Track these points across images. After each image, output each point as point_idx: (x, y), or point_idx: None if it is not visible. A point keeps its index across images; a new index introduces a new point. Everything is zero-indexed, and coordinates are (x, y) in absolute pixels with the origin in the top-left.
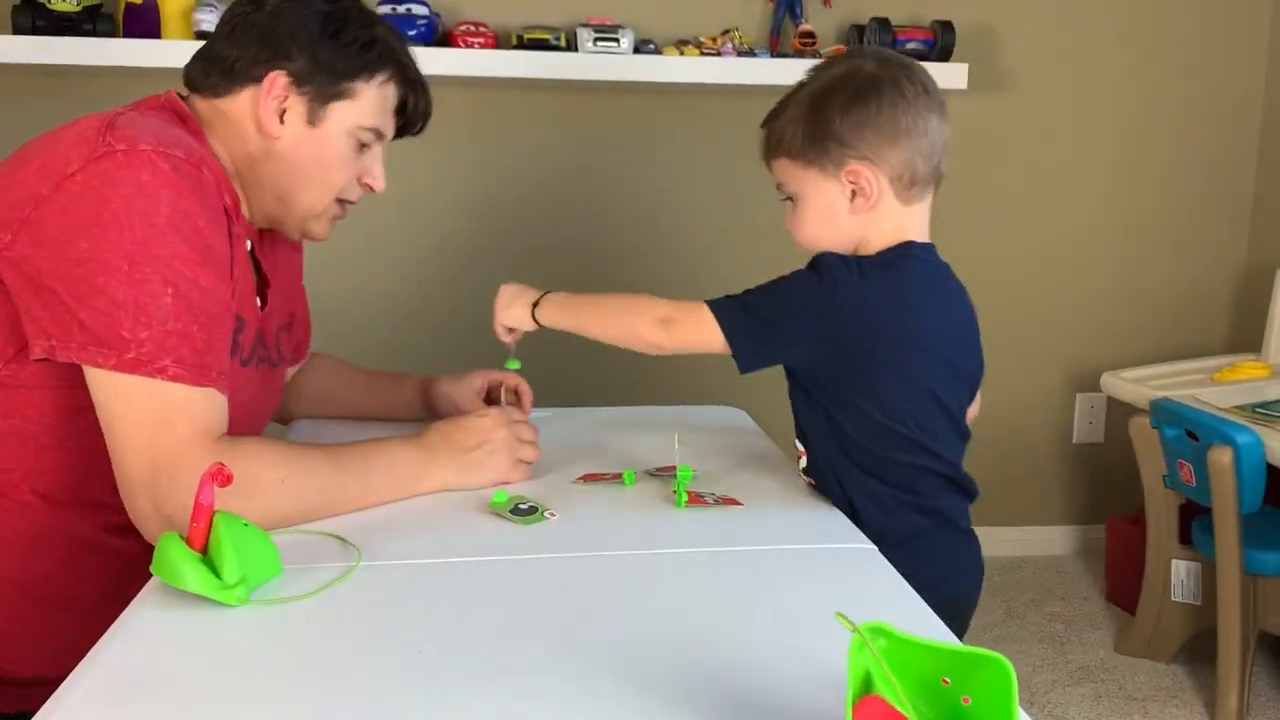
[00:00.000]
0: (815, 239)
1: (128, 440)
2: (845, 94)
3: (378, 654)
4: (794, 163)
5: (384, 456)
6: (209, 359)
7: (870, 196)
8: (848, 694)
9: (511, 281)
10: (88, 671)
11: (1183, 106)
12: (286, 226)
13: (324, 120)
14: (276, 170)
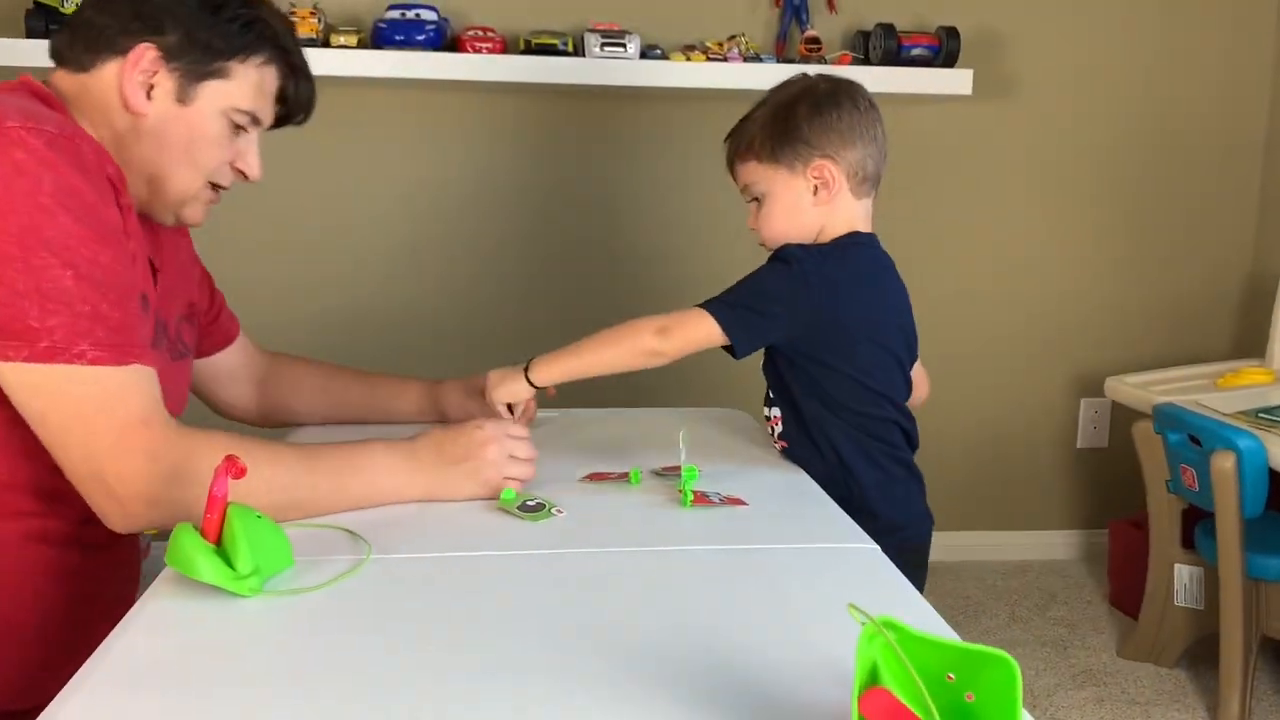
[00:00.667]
0: (783, 232)
1: (62, 437)
2: (808, 103)
3: (388, 645)
4: (762, 164)
5: (364, 459)
6: (127, 335)
7: (832, 188)
8: (854, 685)
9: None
10: (102, 659)
11: (1187, 112)
12: (158, 211)
13: (195, 99)
14: (144, 150)
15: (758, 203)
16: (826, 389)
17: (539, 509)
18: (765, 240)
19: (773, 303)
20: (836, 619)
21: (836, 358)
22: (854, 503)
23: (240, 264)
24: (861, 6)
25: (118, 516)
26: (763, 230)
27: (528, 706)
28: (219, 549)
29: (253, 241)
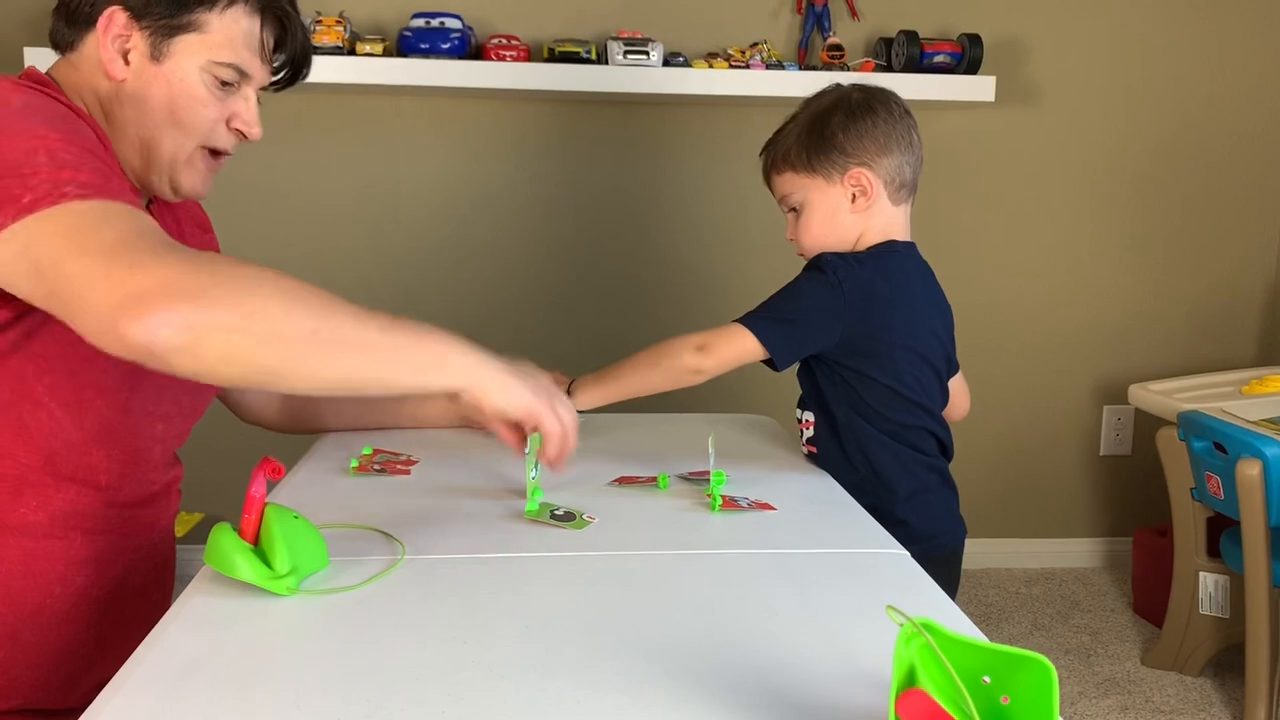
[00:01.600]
0: (821, 241)
1: (62, 267)
2: (843, 112)
3: (422, 644)
4: (799, 174)
5: (416, 323)
6: (111, 186)
7: (870, 196)
8: (891, 686)
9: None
10: (143, 657)
11: (1211, 119)
12: (154, 183)
13: (169, 56)
14: (129, 115)
15: (795, 213)
16: (861, 396)
17: (570, 519)
18: (804, 250)
19: (810, 313)
20: (868, 623)
21: (871, 365)
22: (884, 510)
23: None
24: (884, 13)
25: (135, 323)
26: (801, 240)
27: (559, 707)
28: (256, 549)
29: (276, 246)
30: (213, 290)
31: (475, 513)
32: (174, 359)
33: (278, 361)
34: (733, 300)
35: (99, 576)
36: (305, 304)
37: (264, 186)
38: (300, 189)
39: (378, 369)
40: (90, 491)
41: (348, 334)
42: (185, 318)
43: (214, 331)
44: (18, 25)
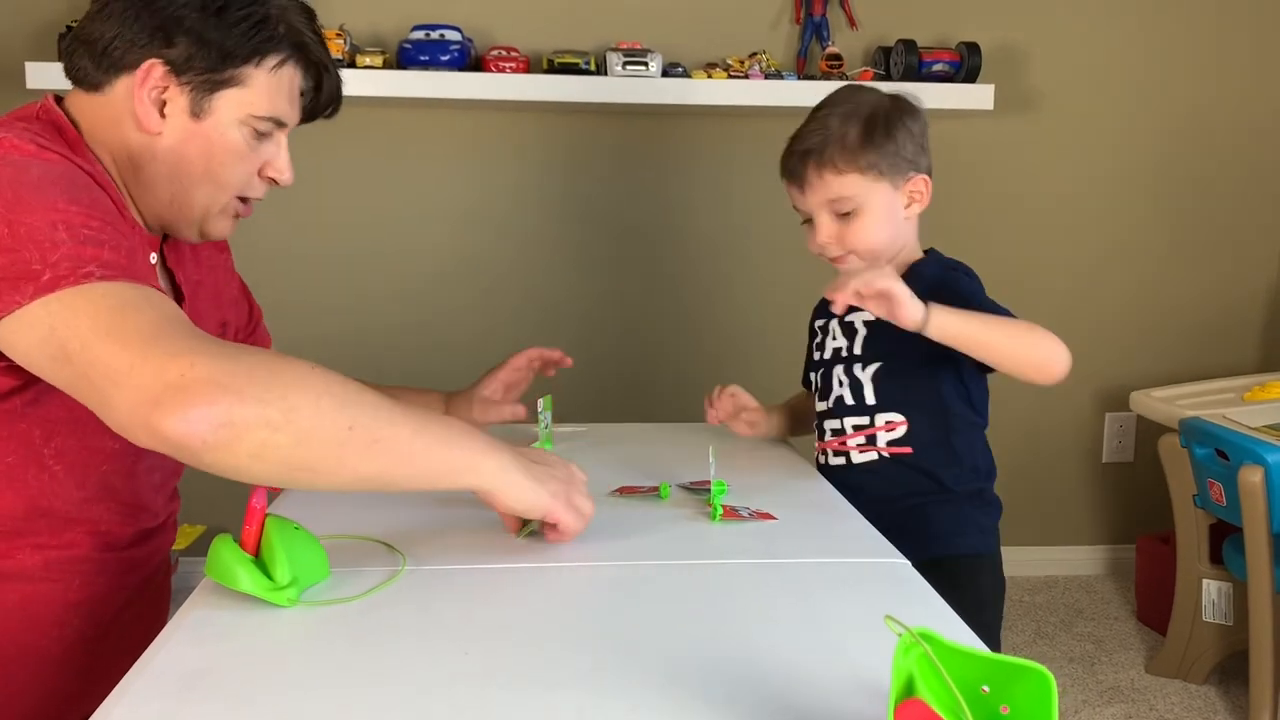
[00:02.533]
0: (879, 244)
1: (93, 353)
2: (905, 115)
3: (423, 655)
4: (865, 177)
5: (445, 420)
6: (135, 268)
7: (924, 203)
8: (890, 697)
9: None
10: (144, 668)
11: (1211, 125)
12: (181, 229)
13: (210, 112)
14: (162, 169)
15: (843, 216)
16: (970, 390)
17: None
18: (858, 252)
19: None
20: (868, 633)
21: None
22: (984, 493)
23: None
24: (883, 23)
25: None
26: (856, 243)
27: (562, 718)
28: (257, 560)
29: (273, 258)
30: (251, 386)
31: (476, 523)
32: (207, 455)
33: (313, 460)
34: (733, 309)
35: (95, 618)
36: (341, 402)
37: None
38: (300, 201)
39: (409, 471)
40: (88, 539)
41: (382, 434)
42: (223, 413)
43: (251, 429)
44: (21, 40)
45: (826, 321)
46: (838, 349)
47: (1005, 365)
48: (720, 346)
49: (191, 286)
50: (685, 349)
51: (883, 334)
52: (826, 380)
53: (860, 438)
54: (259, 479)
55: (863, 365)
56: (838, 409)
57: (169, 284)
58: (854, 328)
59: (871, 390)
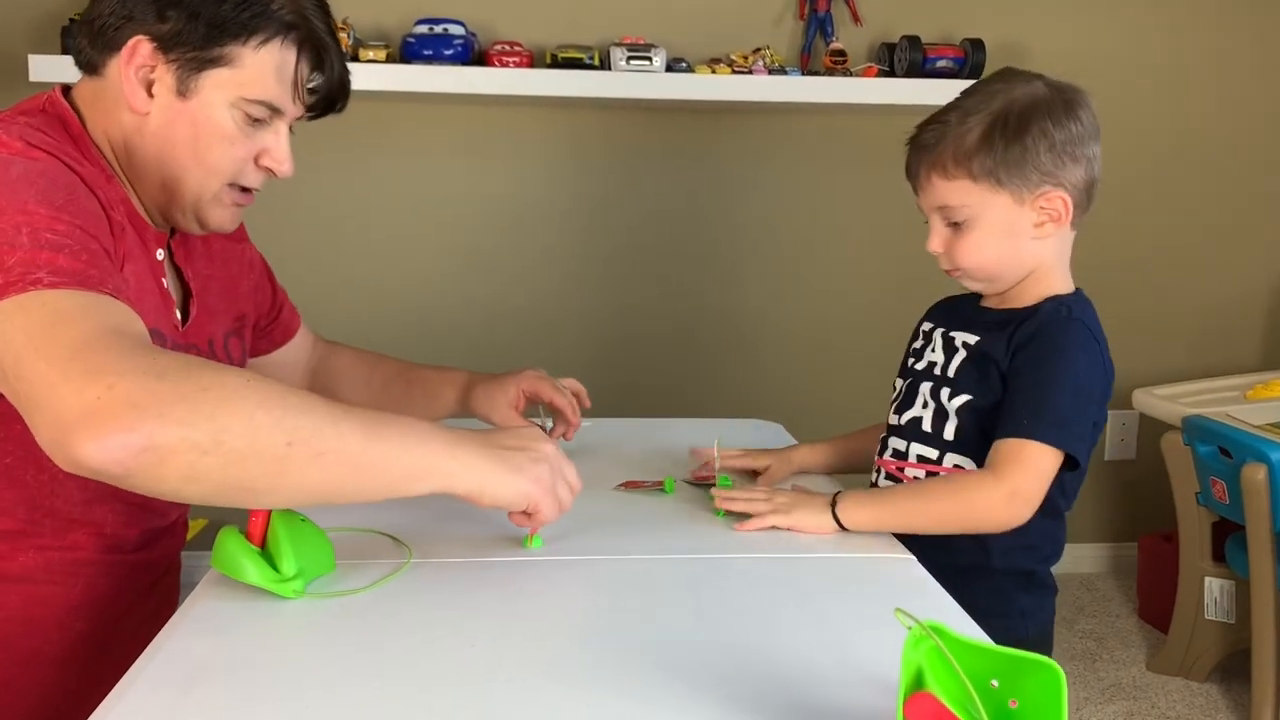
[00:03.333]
0: (991, 265)
1: (21, 368)
2: (1046, 117)
3: (429, 648)
4: (978, 185)
5: (400, 421)
6: (93, 272)
7: (1061, 223)
8: (899, 690)
9: (779, 489)
10: (150, 660)
11: (1215, 122)
12: (177, 217)
13: (197, 92)
14: (150, 152)
15: (954, 225)
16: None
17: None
18: (964, 269)
19: (1092, 402)
20: (875, 628)
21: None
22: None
23: None
24: (886, 19)
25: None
26: (964, 259)
27: (567, 711)
28: (263, 552)
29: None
30: (175, 407)
31: (482, 516)
32: (132, 481)
33: (250, 479)
34: (737, 305)
35: (99, 621)
36: (277, 417)
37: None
38: (301, 196)
39: (363, 481)
40: (92, 540)
41: (326, 446)
42: (143, 439)
43: (177, 453)
44: (22, 33)
45: (934, 328)
46: (933, 364)
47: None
48: (725, 342)
49: (201, 282)
50: (689, 344)
51: (983, 364)
52: (911, 394)
53: (921, 471)
54: (197, 500)
55: (951, 393)
56: (911, 430)
57: (176, 280)
58: (955, 346)
59: (954, 425)
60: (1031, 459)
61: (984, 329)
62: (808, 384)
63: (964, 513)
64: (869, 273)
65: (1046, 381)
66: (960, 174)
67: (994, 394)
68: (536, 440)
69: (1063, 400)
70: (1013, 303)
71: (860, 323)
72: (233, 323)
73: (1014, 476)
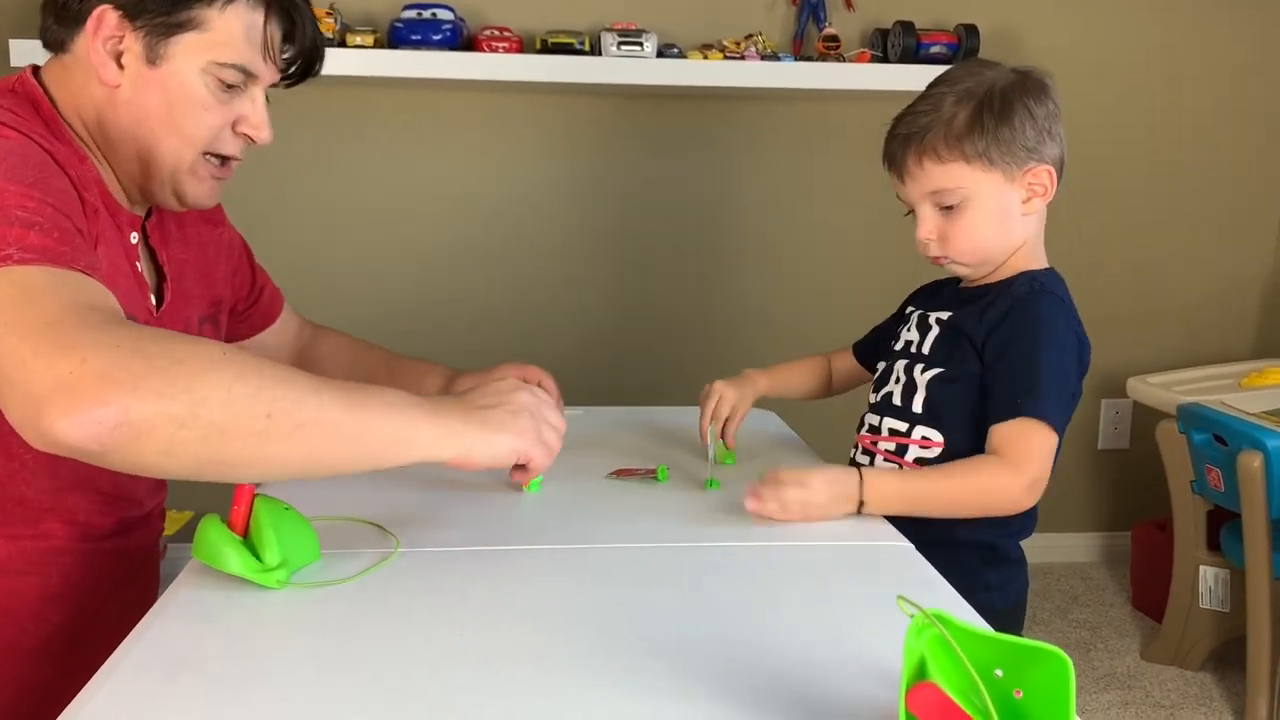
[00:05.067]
0: (985, 245)
1: None
2: (1027, 96)
3: (416, 639)
4: (972, 166)
5: (381, 391)
6: (64, 249)
7: (1047, 196)
8: (902, 679)
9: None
10: (129, 651)
11: (1209, 109)
12: (156, 192)
13: (167, 59)
14: (124, 124)
15: (944, 210)
16: None
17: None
18: (955, 254)
19: (1072, 376)
20: (874, 616)
21: None
22: (1000, 549)
23: None
24: (879, 4)
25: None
26: (958, 242)
27: (558, 703)
28: (246, 541)
29: (263, 244)
30: (151, 379)
31: (472, 504)
32: (109, 457)
33: (230, 453)
34: (728, 292)
35: (75, 612)
36: (255, 388)
37: (249, 181)
38: (288, 183)
39: (344, 451)
40: (65, 529)
41: (307, 417)
42: (119, 413)
43: (154, 427)
44: (3, 16)
45: (913, 310)
46: (909, 343)
47: (964, 515)
48: (717, 329)
49: (176, 266)
50: (681, 332)
51: (954, 337)
52: (887, 373)
53: (891, 444)
54: (175, 475)
55: (924, 368)
56: (883, 405)
57: (151, 264)
58: (929, 324)
59: (922, 398)
60: (1040, 445)
61: (958, 305)
62: None
63: (985, 501)
64: (862, 260)
65: (1030, 359)
66: (953, 156)
67: (963, 365)
68: (511, 392)
69: (1049, 377)
70: (991, 279)
71: (854, 310)
72: (208, 307)
73: (1031, 465)
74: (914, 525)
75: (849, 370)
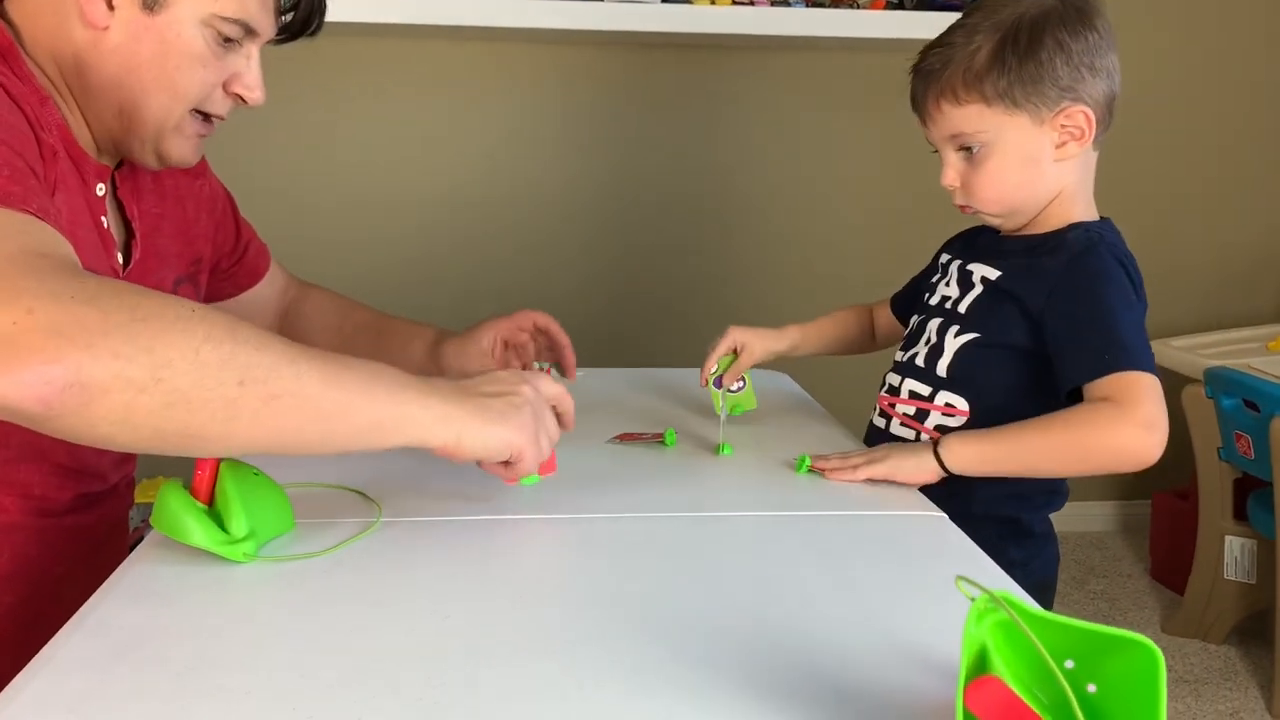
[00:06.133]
0: (1012, 194)
1: None
2: (1060, 28)
3: (398, 619)
4: (992, 108)
5: (367, 365)
6: (14, 189)
7: (1084, 140)
8: (960, 672)
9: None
10: (76, 629)
11: (1230, 70)
12: (134, 148)
13: (166, 6)
14: (109, 72)
15: (967, 152)
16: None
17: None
18: (979, 203)
19: (1144, 328)
20: (909, 595)
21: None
22: (1024, 525)
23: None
24: None
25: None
26: (982, 191)
27: (554, 692)
28: (210, 510)
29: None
30: (107, 337)
31: (461, 471)
32: (52, 423)
33: (196, 424)
34: (736, 249)
35: (28, 593)
36: (227, 352)
37: (234, 130)
38: (275, 132)
39: (322, 430)
40: (17, 502)
41: (282, 388)
42: (68, 372)
43: (108, 391)
44: None
45: (951, 260)
46: (945, 298)
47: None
48: (723, 287)
49: (150, 221)
50: (685, 290)
51: (1000, 300)
52: (919, 330)
53: (911, 408)
54: (131, 447)
55: (958, 330)
56: (907, 366)
57: (119, 219)
58: (971, 281)
59: (947, 362)
60: (1145, 387)
61: (1004, 260)
62: None
63: (1096, 447)
64: (876, 215)
65: (1106, 313)
66: (972, 98)
67: (1004, 332)
68: (514, 383)
69: (1129, 329)
70: (1034, 230)
71: (866, 266)
72: (186, 266)
73: (1141, 406)
74: (926, 495)
75: (890, 324)
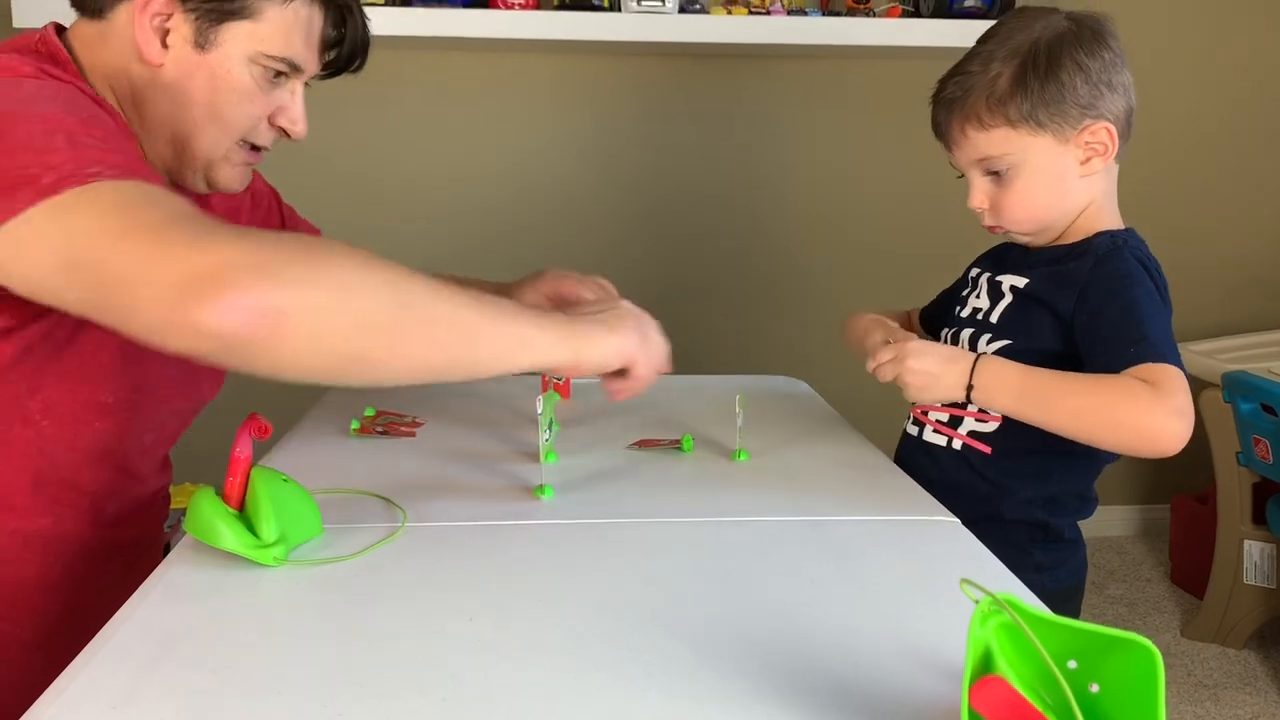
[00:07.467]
0: (1042, 213)
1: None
2: (1077, 49)
3: (424, 620)
4: (1018, 130)
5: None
6: (146, 171)
7: (1108, 156)
8: (965, 672)
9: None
10: (116, 630)
11: (1248, 73)
12: (186, 176)
13: (216, 45)
14: (164, 106)
15: (995, 175)
16: None
17: None
18: (1009, 223)
19: (1170, 329)
20: (921, 598)
21: None
22: (1054, 531)
23: None
24: None
25: (207, 306)
26: (1012, 211)
27: (574, 692)
28: (242, 515)
29: None
30: (290, 267)
31: (484, 478)
32: (254, 349)
33: (368, 347)
34: (753, 256)
35: (75, 603)
36: (390, 279)
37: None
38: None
39: (474, 351)
40: (74, 513)
41: (440, 312)
42: (264, 299)
43: (298, 314)
44: None
45: (981, 274)
46: (976, 310)
47: (1086, 438)
48: (739, 294)
49: None
50: (704, 297)
51: (1030, 307)
52: (950, 343)
53: (944, 415)
54: (306, 374)
55: (991, 338)
56: None
57: None
58: (1001, 291)
59: None
60: (1175, 379)
61: (1033, 270)
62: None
63: (1126, 422)
64: (892, 223)
65: (1132, 309)
66: (997, 122)
67: (1034, 339)
68: (614, 302)
69: (1155, 325)
70: (1062, 242)
71: (884, 274)
72: None
73: (1175, 395)
74: (956, 501)
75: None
